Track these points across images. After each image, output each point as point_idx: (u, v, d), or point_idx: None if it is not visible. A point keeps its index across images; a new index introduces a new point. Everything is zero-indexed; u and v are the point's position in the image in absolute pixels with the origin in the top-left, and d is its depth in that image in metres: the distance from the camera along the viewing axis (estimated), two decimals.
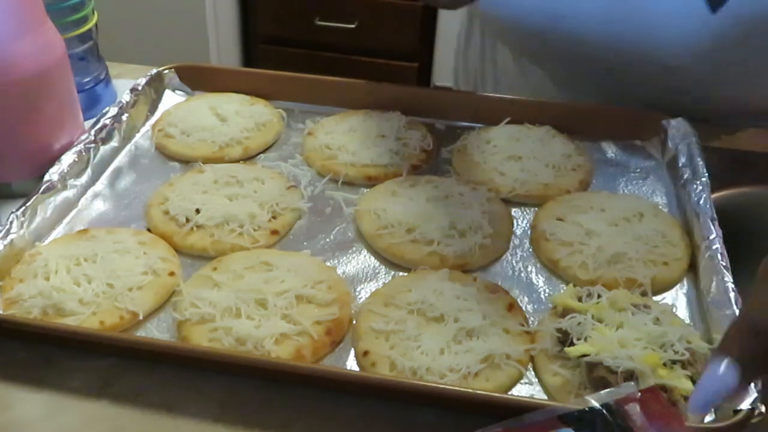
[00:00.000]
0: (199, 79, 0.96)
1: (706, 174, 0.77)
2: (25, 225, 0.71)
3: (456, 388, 0.57)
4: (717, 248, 0.67)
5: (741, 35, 0.84)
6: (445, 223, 0.73)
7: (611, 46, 0.90)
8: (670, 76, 0.90)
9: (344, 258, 0.73)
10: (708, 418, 0.57)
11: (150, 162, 0.86)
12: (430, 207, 0.75)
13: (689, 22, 0.85)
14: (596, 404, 0.48)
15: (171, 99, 0.95)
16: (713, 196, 0.75)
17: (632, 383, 0.52)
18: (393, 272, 0.71)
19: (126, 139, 0.88)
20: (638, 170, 0.85)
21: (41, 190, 0.74)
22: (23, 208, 0.72)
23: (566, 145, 0.86)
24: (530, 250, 0.74)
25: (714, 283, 0.64)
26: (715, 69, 0.88)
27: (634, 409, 0.48)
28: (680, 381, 0.56)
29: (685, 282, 0.70)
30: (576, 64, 0.95)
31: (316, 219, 0.78)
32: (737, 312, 0.60)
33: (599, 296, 0.63)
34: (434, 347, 0.60)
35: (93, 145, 0.82)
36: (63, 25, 0.86)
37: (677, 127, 0.85)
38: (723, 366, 0.47)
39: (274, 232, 0.74)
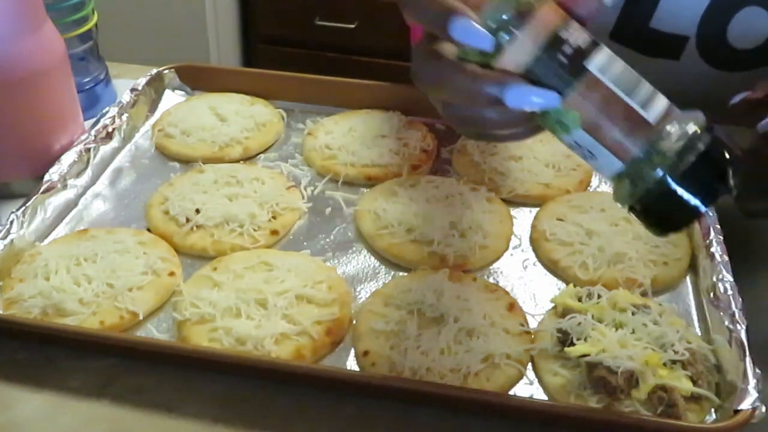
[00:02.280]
0: (199, 79, 0.96)
1: None
2: (25, 225, 0.71)
3: (456, 388, 0.57)
4: (717, 248, 0.67)
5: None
6: (445, 223, 0.73)
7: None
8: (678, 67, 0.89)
9: (344, 258, 0.73)
10: (709, 418, 0.57)
11: (150, 162, 0.86)
12: (430, 207, 0.75)
13: None
14: None
15: (171, 99, 0.95)
16: None
17: None
18: (393, 272, 0.71)
19: (126, 139, 0.88)
20: None
21: (41, 190, 0.74)
22: (23, 208, 0.72)
23: None
24: (530, 250, 0.74)
25: (714, 283, 0.64)
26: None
27: None
28: (680, 381, 0.56)
29: (685, 282, 0.70)
30: None
31: (316, 219, 0.78)
32: (737, 312, 0.60)
33: (599, 296, 0.63)
34: (434, 347, 0.60)
35: (93, 145, 0.82)
36: (63, 25, 0.86)
37: None
38: None
39: (274, 232, 0.74)
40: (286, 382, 0.60)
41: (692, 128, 0.44)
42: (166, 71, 0.95)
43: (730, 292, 0.62)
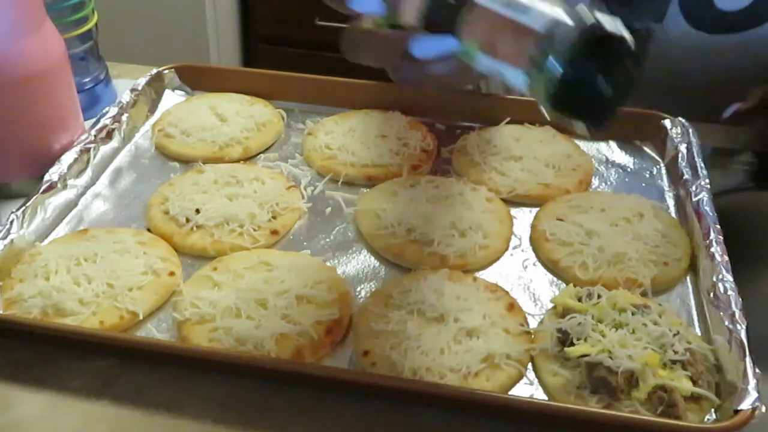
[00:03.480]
0: (199, 79, 0.96)
1: (706, 174, 0.77)
2: (25, 225, 0.71)
3: (456, 388, 0.57)
4: (717, 248, 0.67)
5: None
6: (445, 223, 0.73)
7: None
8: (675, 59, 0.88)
9: (344, 258, 0.73)
10: (709, 418, 0.57)
11: (150, 162, 0.86)
12: (430, 207, 0.75)
13: None
14: None
15: (171, 99, 0.95)
16: (713, 195, 0.75)
17: None
18: (393, 272, 0.71)
19: (126, 139, 0.88)
20: (638, 170, 0.85)
21: (41, 190, 0.74)
22: (23, 208, 0.72)
23: (566, 145, 0.86)
24: (530, 250, 0.74)
25: (714, 283, 0.64)
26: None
27: None
28: (680, 381, 0.56)
29: (685, 282, 0.70)
30: None
31: (316, 219, 0.78)
32: (737, 312, 0.60)
33: (599, 296, 0.63)
34: (434, 347, 0.60)
35: (93, 145, 0.82)
36: (63, 25, 0.85)
37: (677, 127, 0.85)
38: None
39: (274, 232, 0.74)
40: (286, 382, 0.60)
41: (579, 16, 0.44)
42: (166, 71, 0.95)
43: (730, 292, 0.63)
